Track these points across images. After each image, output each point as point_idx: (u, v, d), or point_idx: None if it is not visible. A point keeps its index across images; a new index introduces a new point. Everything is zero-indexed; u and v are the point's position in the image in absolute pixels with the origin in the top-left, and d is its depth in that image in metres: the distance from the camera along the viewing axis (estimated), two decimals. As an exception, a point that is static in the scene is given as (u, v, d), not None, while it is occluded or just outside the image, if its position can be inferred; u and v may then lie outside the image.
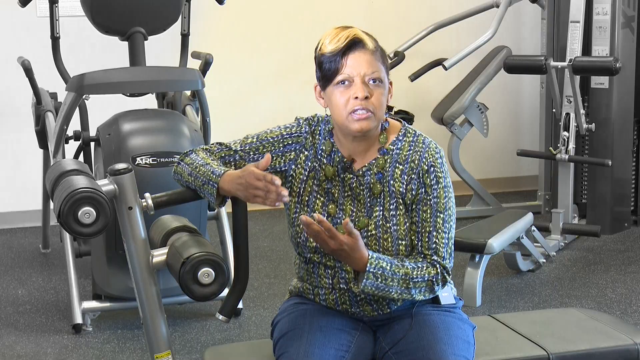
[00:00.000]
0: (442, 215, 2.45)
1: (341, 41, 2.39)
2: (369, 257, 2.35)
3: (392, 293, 2.38)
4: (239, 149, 2.50)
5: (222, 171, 2.37)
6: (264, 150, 2.49)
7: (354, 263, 2.36)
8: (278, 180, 2.28)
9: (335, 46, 2.39)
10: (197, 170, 2.41)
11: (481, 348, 2.57)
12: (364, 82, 2.39)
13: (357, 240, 2.32)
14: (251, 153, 2.50)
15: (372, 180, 2.47)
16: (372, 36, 2.45)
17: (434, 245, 2.44)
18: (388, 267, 2.36)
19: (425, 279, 2.40)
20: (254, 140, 2.51)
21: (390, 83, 2.48)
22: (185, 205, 2.56)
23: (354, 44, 2.39)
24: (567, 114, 5.28)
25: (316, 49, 2.45)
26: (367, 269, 2.34)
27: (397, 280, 2.37)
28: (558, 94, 5.28)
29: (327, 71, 2.41)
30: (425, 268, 2.41)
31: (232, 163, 2.50)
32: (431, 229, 2.44)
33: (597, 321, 2.87)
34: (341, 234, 2.31)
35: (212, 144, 2.54)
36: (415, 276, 2.39)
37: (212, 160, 2.45)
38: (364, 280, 2.35)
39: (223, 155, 2.50)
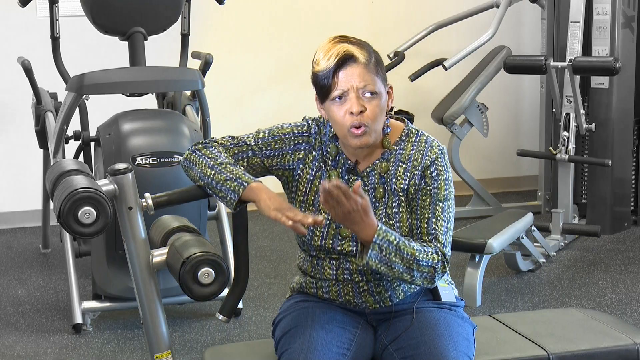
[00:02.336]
0: (441, 204, 2.45)
1: (331, 59, 2.41)
2: (378, 227, 2.34)
3: (395, 270, 2.36)
4: (252, 143, 2.52)
5: (252, 179, 2.41)
6: (276, 146, 2.52)
7: (364, 230, 2.33)
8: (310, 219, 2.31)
9: (327, 65, 2.41)
10: (223, 166, 2.44)
11: (481, 348, 2.57)
12: (358, 96, 2.41)
13: (368, 202, 2.31)
14: (263, 149, 2.53)
15: (376, 182, 2.48)
16: (364, 46, 2.45)
17: (433, 231, 2.44)
18: (395, 242, 2.35)
19: (430, 264, 2.39)
20: (266, 135, 2.54)
21: (390, 87, 2.49)
22: (185, 205, 2.57)
23: (344, 60, 2.41)
24: (567, 114, 5.27)
25: (313, 61, 2.46)
26: (374, 239, 2.33)
27: (401, 258, 2.36)
28: (558, 94, 5.28)
29: (321, 88, 2.44)
30: (430, 253, 2.40)
31: (245, 160, 2.52)
32: (430, 216, 2.45)
33: (597, 321, 2.87)
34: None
35: (224, 137, 2.55)
36: (420, 259, 2.38)
37: (233, 160, 2.48)
38: (369, 251, 2.33)
39: (237, 151, 2.52)
